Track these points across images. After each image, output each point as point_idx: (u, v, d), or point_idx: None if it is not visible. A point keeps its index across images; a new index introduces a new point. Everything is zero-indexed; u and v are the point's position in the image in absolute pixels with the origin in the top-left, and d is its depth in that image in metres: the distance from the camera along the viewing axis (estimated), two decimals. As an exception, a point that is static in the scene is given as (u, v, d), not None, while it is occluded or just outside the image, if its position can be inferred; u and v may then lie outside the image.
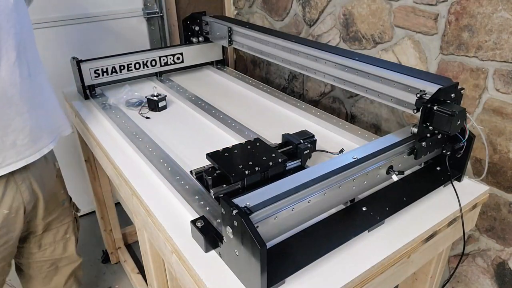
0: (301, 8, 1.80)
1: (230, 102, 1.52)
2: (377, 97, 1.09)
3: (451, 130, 0.87)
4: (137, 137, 1.20)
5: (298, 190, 0.76)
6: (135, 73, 1.59)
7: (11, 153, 1.04)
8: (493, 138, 1.23)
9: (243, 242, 0.68)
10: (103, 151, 1.23)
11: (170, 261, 0.88)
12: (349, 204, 0.90)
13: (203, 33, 1.75)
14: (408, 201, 0.92)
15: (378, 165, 0.89)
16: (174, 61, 1.69)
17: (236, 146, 1.01)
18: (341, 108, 1.76)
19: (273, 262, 0.74)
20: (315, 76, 1.27)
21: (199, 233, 0.79)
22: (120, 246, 2.06)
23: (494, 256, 1.35)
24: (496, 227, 1.31)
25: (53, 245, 1.34)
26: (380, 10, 1.45)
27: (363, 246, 0.82)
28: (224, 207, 0.70)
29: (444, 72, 1.30)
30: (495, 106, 1.20)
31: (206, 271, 0.76)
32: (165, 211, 0.93)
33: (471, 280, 1.45)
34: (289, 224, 0.78)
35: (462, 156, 0.98)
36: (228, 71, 1.80)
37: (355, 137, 1.20)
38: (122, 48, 1.67)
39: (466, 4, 1.19)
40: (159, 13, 2.16)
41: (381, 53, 1.50)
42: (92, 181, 1.80)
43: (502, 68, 1.16)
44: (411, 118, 1.47)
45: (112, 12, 2.03)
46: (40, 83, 1.10)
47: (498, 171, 1.25)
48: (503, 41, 1.13)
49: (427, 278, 1.12)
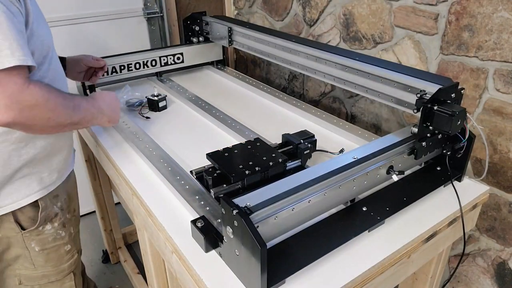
0: (301, 8, 1.80)
1: (230, 102, 1.52)
2: (377, 97, 1.09)
3: (451, 130, 0.87)
4: (137, 137, 1.20)
5: (298, 190, 0.76)
6: (135, 73, 1.59)
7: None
8: (493, 138, 1.23)
9: (243, 242, 0.68)
10: (103, 151, 1.23)
11: (170, 261, 0.88)
12: (349, 204, 0.90)
13: (203, 33, 1.75)
14: (408, 201, 0.92)
15: (378, 165, 0.89)
16: (174, 61, 1.69)
17: (236, 146, 1.01)
18: (341, 108, 1.76)
19: (273, 262, 0.74)
20: (315, 76, 1.27)
21: (199, 233, 0.79)
22: (120, 246, 2.06)
23: (494, 256, 1.35)
24: (496, 227, 1.31)
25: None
26: (380, 10, 1.45)
27: (363, 246, 0.82)
28: (224, 207, 0.70)
29: (444, 72, 1.30)
30: (495, 106, 1.20)
31: (206, 271, 0.76)
32: (165, 211, 0.93)
33: (471, 280, 1.45)
34: (289, 224, 0.78)
35: (462, 156, 0.98)
36: (228, 71, 1.80)
37: (355, 137, 1.20)
38: (122, 48, 1.67)
39: (466, 4, 1.19)
40: (159, 13, 2.16)
41: (381, 53, 1.50)
42: (92, 181, 1.80)
43: (502, 68, 1.16)
44: (411, 118, 1.47)
45: (112, 12, 2.03)
46: None
47: (498, 171, 1.25)
48: (503, 41, 1.13)
49: (427, 278, 1.12)
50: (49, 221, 1.11)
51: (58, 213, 1.12)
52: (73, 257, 1.21)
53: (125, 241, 2.09)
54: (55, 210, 1.11)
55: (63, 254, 1.17)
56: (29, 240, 1.09)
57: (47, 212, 1.09)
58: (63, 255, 1.17)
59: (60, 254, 1.17)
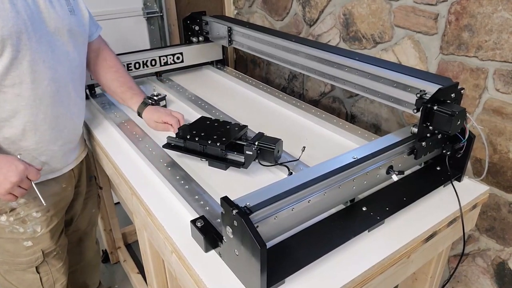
0: (301, 8, 1.80)
1: (230, 102, 1.51)
2: (377, 97, 1.09)
3: (451, 130, 0.87)
4: (137, 137, 1.20)
5: (298, 190, 0.76)
6: (135, 72, 1.59)
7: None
8: (493, 138, 1.23)
9: (243, 242, 0.68)
10: (103, 151, 1.23)
11: (170, 261, 0.88)
12: (349, 204, 0.90)
13: (203, 33, 1.74)
14: (408, 201, 0.92)
15: (378, 165, 0.89)
16: (174, 60, 1.68)
17: (217, 121, 1.18)
18: (341, 108, 1.76)
19: (273, 262, 0.74)
20: (315, 76, 1.27)
21: (199, 233, 0.79)
22: (120, 246, 2.06)
23: (494, 256, 1.35)
24: (496, 227, 1.31)
25: (81, 217, 1.41)
26: (380, 10, 1.45)
27: (363, 246, 0.81)
28: (224, 207, 0.70)
29: (444, 72, 1.30)
30: (495, 106, 1.20)
31: (206, 271, 0.76)
32: (165, 211, 0.93)
33: (471, 280, 1.45)
34: (289, 224, 0.78)
35: (462, 156, 0.98)
36: (228, 71, 1.80)
37: (355, 137, 1.20)
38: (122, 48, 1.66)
39: (466, 4, 1.19)
40: (159, 13, 2.15)
41: (381, 53, 1.50)
42: (92, 181, 1.79)
43: (502, 68, 1.16)
44: (411, 118, 1.47)
45: (112, 12, 2.03)
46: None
47: (498, 171, 1.25)
48: (503, 41, 1.13)
49: (427, 278, 1.12)
50: (4, 213, 1.09)
51: (15, 208, 1.10)
52: (34, 254, 1.17)
53: (124, 241, 2.09)
54: (11, 204, 1.08)
55: (21, 249, 1.15)
56: None
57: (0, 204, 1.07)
58: (21, 250, 1.15)
59: (18, 247, 1.15)
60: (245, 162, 1.04)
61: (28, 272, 1.19)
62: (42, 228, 1.16)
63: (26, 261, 1.17)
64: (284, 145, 1.09)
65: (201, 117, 1.23)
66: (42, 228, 1.16)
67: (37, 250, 1.17)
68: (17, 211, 1.11)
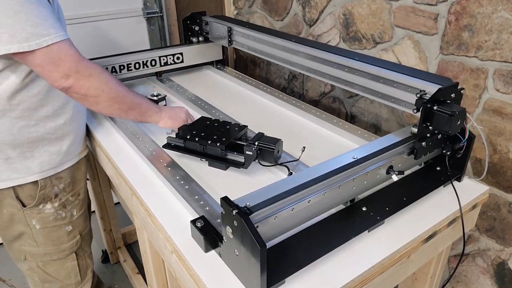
0: (301, 8, 1.80)
1: (230, 102, 1.52)
2: (377, 97, 1.09)
3: (451, 130, 0.87)
4: (137, 137, 1.20)
5: (298, 190, 0.76)
6: (135, 73, 1.59)
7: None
8: (493, 138, 1.23)
9: (243, 242, 0.68)
10: (103, 151, 1.23)
11: (170, 261, 0.88)
12: (349, 204, 0.90)
13: (203, 33, 1.74)
14: (408, 201, 0.92)
15: (378, 165, 0.89)
16: (174, 61, 1.68)
17: (216, 121, 1.19)
18: (341, 108, 1.76)
19: (273, 262, 0.74)
20: (315, 76, 1.27)
21: (199, 233, 0.79)
22: (120, 246, 2.06)
23: (494, 256, 1.35)
24: (496, 227, 1.31)
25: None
26: (380, 10, 1.45)
27: (363, 246, 0.81)
28: (224, 207, 0.70)
29: (444, 72, 1.30)
30: (495, 106, 1.20)
31: (206, 271, 0.76)
32: (165, 211, 0.93)
33: (471, 280, 1.45)
34: (289, 224, 0.78)
35: (462, 156, 0.98)
36: (228, 71, 1.80)
37: (355, 137, 1.20)
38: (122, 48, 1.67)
39: (466, 4, 1.19)
40: (159, 13, 2.15)
41: (381, 53, 1.50)
42: (92, 181, 1.79)
43: (502, 68, 1.16)
44: (411, 118, 1.47)
45: (112, 12, 2.03)
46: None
47: (498, 171, 1.25)
48: (503, 41, 1.13)
49: (427, 278, 1.12)
50: (49, 201, 1.15)
51: (58, 194, 1.17)
52: (74, 238, 1.25)
53: (124, 241, 2.09)
54: (55, 190, 1.16)
55: (64, 234, 1.22)
56: (30, 217, 1.14)
57: (46, 192, 1.13)
58: (64, 235, 1.22)
59: (61, 234, 1.21)
60: (245, 162, 1.04)
61: (68, 260, 1.25)
62: (77, 212, 1.24)
63: (69, 246, 1.24)
64: (284, 145, 1.09)
65: (201, 117, 1.23)
66: (77, 212, 1.24)
67: (76, 233, 1.25)
68: (59, 197, 1.18)
